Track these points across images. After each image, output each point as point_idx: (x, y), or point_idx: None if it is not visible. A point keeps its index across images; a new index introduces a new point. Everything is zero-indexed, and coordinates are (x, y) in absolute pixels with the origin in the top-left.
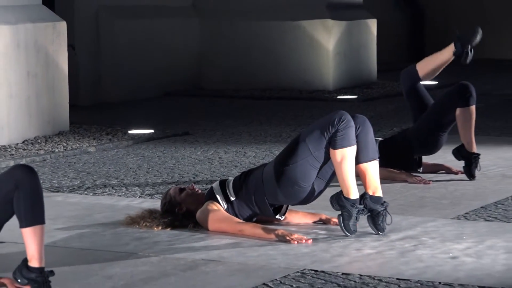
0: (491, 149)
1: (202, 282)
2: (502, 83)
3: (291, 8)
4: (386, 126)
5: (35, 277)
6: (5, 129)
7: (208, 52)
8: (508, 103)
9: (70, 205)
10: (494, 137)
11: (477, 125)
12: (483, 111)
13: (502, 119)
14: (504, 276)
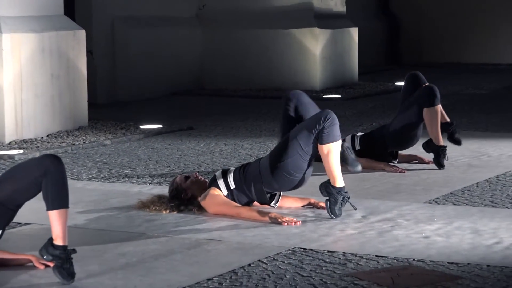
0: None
1: (205, 259)
2: (468, 84)
3: (283, 18)
4: (366, 121)
5: (59, 254)
6: (31, 124)
7: (209, 57)
8: (472, 101)
9: (89, 191)
10: (461, 131)
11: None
12: (451, 108)
13: (467, 116)
14: (470, 254)
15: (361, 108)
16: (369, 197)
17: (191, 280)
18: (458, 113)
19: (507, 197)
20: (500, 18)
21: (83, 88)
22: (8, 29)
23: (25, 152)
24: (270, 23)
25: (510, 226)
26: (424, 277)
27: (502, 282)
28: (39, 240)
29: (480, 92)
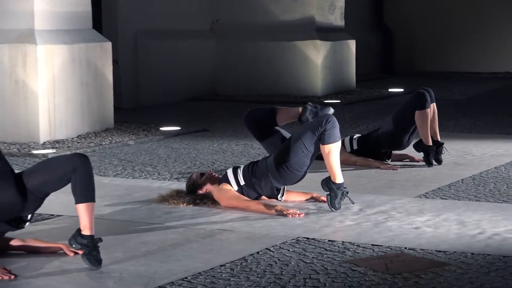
0: (445, 142)
1: (218, 247)
2: (454, 90)
3: (288, 31)
4: (362, 124)
5: (87, 243)
6: (63, 126)
7: (222, 66)
8: (458, 106)
9: (114, 186)
10: (447, 133)
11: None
12: (440, 111)
13: (454, 119)
14: (456, 242)
15: (358, 112)
16: (365, 192)
17: (206, 266)
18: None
19: (489, 192)
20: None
21: (109, 94)
22: (42, 41)
23: (57, 152)
24: (276, 36)
25: (492, 218)
26: (415, 263)
27: (485, 268)
28: (69, 230)
29: (465, 97)
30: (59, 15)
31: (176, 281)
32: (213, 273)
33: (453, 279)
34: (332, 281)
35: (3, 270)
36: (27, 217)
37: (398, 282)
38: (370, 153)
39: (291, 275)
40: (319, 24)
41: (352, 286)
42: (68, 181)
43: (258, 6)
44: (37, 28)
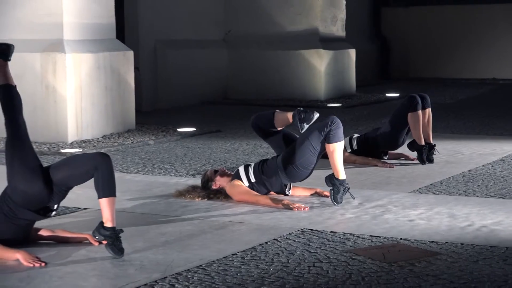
0: (437, 142)
1: (230, 238)
2: (446, 95)
3: (294, 41)
4: (362, 125)
5: (109, 234)
6: (89, 128)
7: (233, 73)
8: (449, 109)
9: (135, 182)
10: (440, 134)
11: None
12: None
13: (445, 121)
14: (447, 234)
15: (358, 114)
16: (364, 187)
17: (219, 255)
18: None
19: (477, 188)
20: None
21: (131, 98)
22: (70, 50)
23: (84, 151)
24: (283, 45)
25: (480, 212)
26: (410, 253)
27: (473, 257)
28: (94, 222)
29: (455, 101)
30: (85, 27)
31: (192, 268)
32: (226, 261)
33: (444, 267)
34: (334, 269)
35: (35, 258)
36: (53, 206)
37: (394, 270)
38: (369, 152)
39: (297, 263)
40: (322, 34)
41: (352, 274)
42: (90, 177)
43: (266, 18)
44: (65, 38)
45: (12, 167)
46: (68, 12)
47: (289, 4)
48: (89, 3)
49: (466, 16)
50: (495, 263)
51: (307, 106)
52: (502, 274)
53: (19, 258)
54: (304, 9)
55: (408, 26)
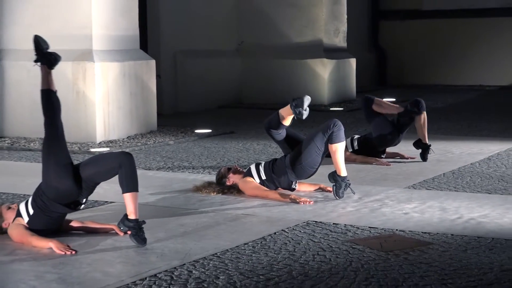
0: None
1: (242, 229)
2: (437, 100)
3: (300, 51)
4: (361, 127)
5: (133, 225)
6: (115, 129)
7: (246, 80)
8: (440, 113)
9: (157, 178)
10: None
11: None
12: None
13: (437, 124)
14: (439, 225)
15: (358, 117)
16: (364, 183)
17: (232, 244)
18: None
19: (466, 184)
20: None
21: (153, 102)
22: (99, 59)
23: (110, 150)
24: (291, 55)
25: (468, 205)
26: (405, 243)
27: (462, 247)
28: (120, 214)
29: (446, 106)
30: (112, 38)
31: (208, 256)
32: (238, 250)
33: (436, 255)
34: (336, 257)
35: (66, 247)
36: (82, 200)
37: (390, 258)
38: (368, 152)
39: (302, 252)
40: (326, 45)
41: (352, 261)
42: (114, 174)
43: (275, 30)
44: (94, 49)
45: (47, 165)
46: (97, 25)
47: (296, 18)
48: (115, 17)
49: (456, 29)
50: (482, 252)
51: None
52: (488, 262)
53: (52, 246)
54: (309, 22)
55: (404, 38)
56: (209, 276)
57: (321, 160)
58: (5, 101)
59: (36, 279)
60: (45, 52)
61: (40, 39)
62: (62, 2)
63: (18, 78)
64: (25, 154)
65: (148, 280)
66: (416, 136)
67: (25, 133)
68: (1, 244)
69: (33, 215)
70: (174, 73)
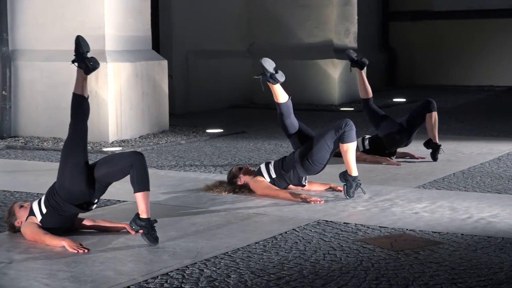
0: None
1: (253, 228)
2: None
3: (311, 52)
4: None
5: (145, 224)
6: (128, 128)
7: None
8: (451, 113)
9: (169, 177)
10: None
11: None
12: None
13: (447, 124)
14: (449, 225)
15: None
16: (374, 183)
17: (243, 243)
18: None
19: (476, 184)
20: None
21: (165, 102)
22: (111, 59)
23: (123, 149)
24: (302, 56)
25: (478, 205)
26: (415, 242)
27: (472, 247)
28: (132, 213)
29: (456, 106)
30: (125, 39)
31: (219, 255)
32: (249, 249)
33: (446, 255)
34: (346, 256)
35: (79, 245)
36: (94, 200)
37: (400, 257)
38: (379, 151)
39: (313, 251)
40: (336, 46)
41: (363, 260)
42: (126, 174)
43: (286, 31)
44: (107, 49)
45: (64, 166)
46: (110, 26)
47: (307, 18)
48: (127, 18)
49: (466, 30)
50: (492, 252)
51: (323, 110)
52: (498, 261)
53: (65, 245)
54: (320, 23)
55: (413, 38)
56: (220, 275)
57: (329, 158)
58: (18, 101)
59: (49, 277)
60: (85, 57)
61: (81, 41)
62: (75, 3)
63: (31, 78)
64: (38, 154)
65: (160, 279)
66: (426, 136)
67: (38, 133)
68: (15, 243)
69: (46, 214)
70: (186, 73)
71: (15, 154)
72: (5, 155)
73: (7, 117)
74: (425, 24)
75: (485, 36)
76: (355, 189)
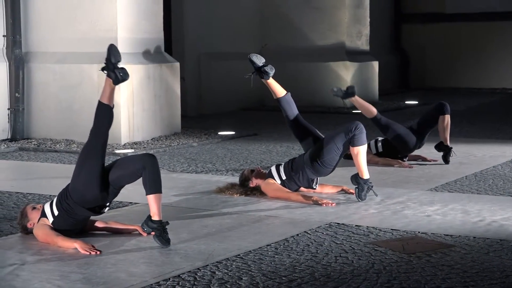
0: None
1: (265, 230)
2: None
3: (323, 54)
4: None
5: (156, 227)
6: (140, 131)
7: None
8: (463, 116)
9: (181, 180)
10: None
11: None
12: None
13: (459, 127)
14: (461, 228)
15: None
16: (386, 186)
17: (255, 245)
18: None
19: (488, 187)
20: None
21: (177, 104)
22: (124, 62)
23: (135, 151)
24: (314, 58)
25: (490, 208)
26: (427, 245)
27: (485, 250)
28: (144, 215)
29: (468, 109)
30: (137, 41)
31: (231, 257)
32: (261, 251)
33: (458, 258)
34: (358, 259)
35: (91, 247)
36: (106, 203)
37: (412, 260)
38: (392, 154)
39: (325, 254)
40: (348, 48)
41: (375, 263)
42: (139, 176)
43: (299, 33)
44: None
45: (80, 170)
46: (122, 28)
47: (319, 21)
48: (140, 20)
49: (479, 32)
50: (505, 255)
51: (335, 112)
52: (510, 264)
53: (77, 247)
54: (332, 25)
55: (425, 41)
56: (232, 277)
57: (339, 160)
58: (31, 103)
59: (61, 279)
60: (115, 67)
61: (114, 50)
62: (88, 5)
63: (44, 80)
64: (51, 156)
65: (172, 281)
66: (438, 139)
67: (51, 135)
68: (27, 244)
69: (57, 216)
70: (198, 76)
71: (28, 156)
72: (18, 157)
73: (20, 119)
74: (437, 26)
75: (497, 39)
76: (367, 192)
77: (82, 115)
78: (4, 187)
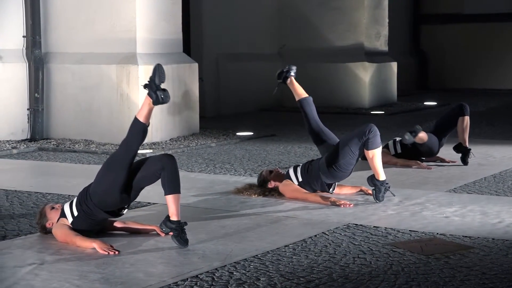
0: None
1: (283, 231)
2: (479, 103)
3: (342, 55)
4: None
5: (175, 227)
6: (159, 131)
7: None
8: (482, 116)
9: (199, 180)
10: (473, 139)
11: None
12: None
13: (478, 127)
14: (480, 229)
15: (399, 121)
16: (404, 187)
17: (273, 246)
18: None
19: (507, 188)
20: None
21: (196, 105)
22: (142, 62)
23: (154, 152)
24: (333, 59)
25: (509, 210)
26: (445, 246)
27: (503, 251)
28: (162, 215)
29: (487, 110)
30: (156, 42)
31: (248, 258)
32: (279, 252)
33: (477, 259)
34: (376, 260)
35: (110, 247)
36: (126, 205)
37: (431, 262)
38: (410, 155)
39: (343, 255)
40: (367, 49)
41: (393, 265)
42: (159, 177)
43: (318, 34)
44: (138, 52)
45: (104, 177)
46: (141, 29)
47: (338, 22)
48: (159, 21)
49: (497, 33)
50: None
51: (353, 113)
52: None
53: (96, 247)
54: (351, 26)
55: (444, 42)
56: (249, 278)
57: (355, 163)
58: (50, 103)
59: (80, 279)
60: (157, 88)
61: (159, 71)
62: (107, 6)
63: (63, 81)
64: (70, 156)
65: (190, 281)
66: (456, 140)
67: (70, 135)
68: (46, 244)
69: (77, 217)
70: (217, 76)
71: (47, 156)
72: (37, 157)
73: (39, 119)
74: (456, 27)
75: None
76: (384, 193)
77: (100, 116)
78: (24, 187)
